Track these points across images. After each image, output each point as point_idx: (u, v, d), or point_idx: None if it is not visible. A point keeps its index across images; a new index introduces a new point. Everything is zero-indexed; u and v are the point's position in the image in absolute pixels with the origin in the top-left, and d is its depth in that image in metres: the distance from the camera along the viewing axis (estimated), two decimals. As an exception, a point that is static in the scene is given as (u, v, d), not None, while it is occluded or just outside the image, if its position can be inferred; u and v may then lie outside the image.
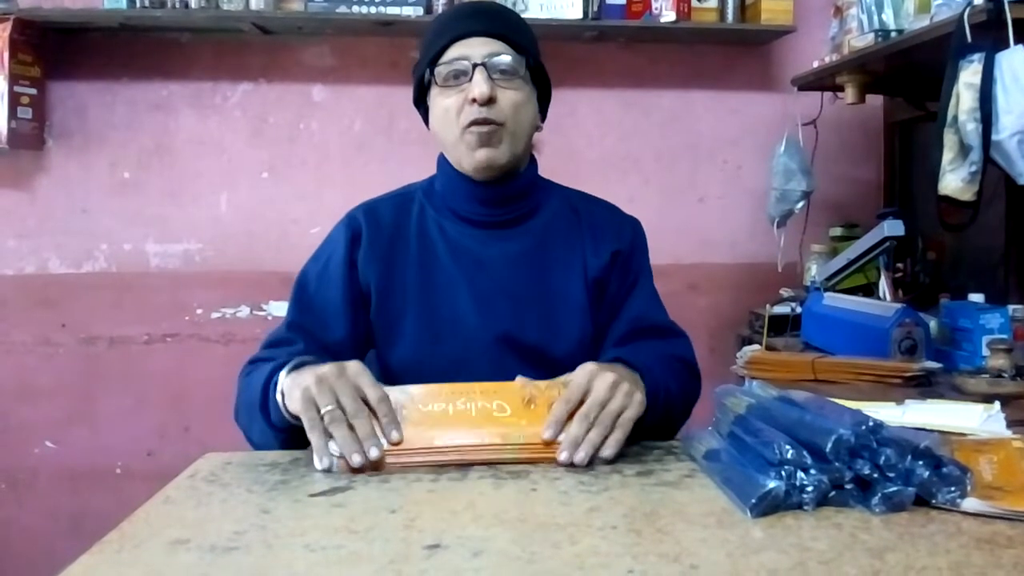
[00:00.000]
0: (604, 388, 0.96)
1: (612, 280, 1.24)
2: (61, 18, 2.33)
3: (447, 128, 1.18)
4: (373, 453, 0.90)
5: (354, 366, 0.96)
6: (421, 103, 1.27)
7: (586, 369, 0.99)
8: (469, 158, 1.17)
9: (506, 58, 1.15)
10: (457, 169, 1.22)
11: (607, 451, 0.94)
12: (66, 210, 2.49)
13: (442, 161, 1.26)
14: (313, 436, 0.92)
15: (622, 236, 1.27)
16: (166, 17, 2.31)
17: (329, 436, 0.91)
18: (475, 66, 1.14)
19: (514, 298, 1.20)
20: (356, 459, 0.89)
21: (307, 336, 1.17)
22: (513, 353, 1.18)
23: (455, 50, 1.16)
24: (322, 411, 0.91)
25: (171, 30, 2.48)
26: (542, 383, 0.99)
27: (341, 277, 1.20)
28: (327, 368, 0.95)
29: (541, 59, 1.23)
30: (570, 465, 0.92)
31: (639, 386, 1.01)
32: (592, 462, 0.93)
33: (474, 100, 1.13)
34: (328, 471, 0.91)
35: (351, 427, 0.91)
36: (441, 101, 1.18)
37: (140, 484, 1.90)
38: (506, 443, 0.94)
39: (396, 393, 0.97)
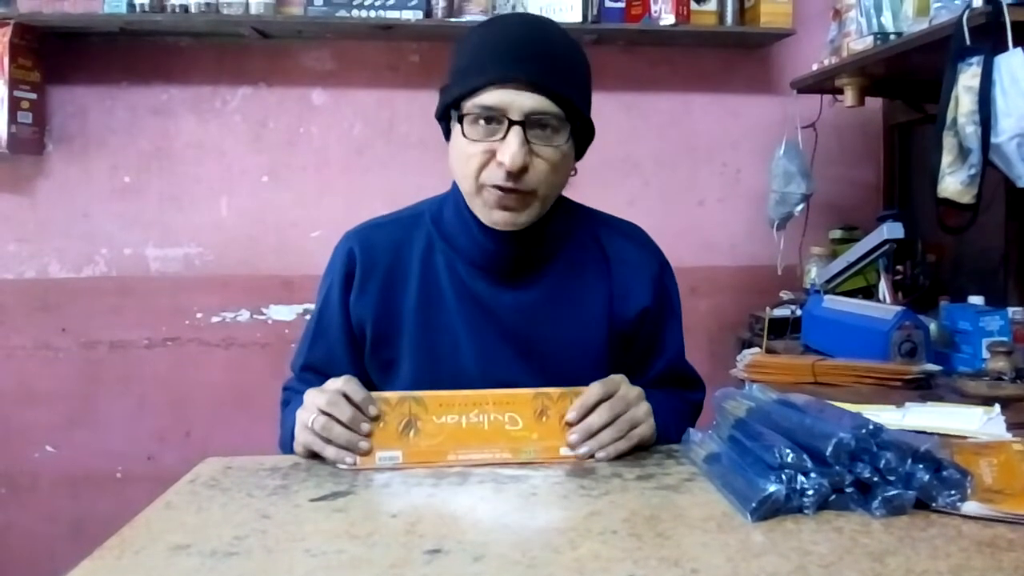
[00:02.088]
0: (635, 395, 1.01)
1: (640, 336, 1.16)
2: (61, 23, 2.33)
3: (465, 177, 1.05)
4: (363, 445, 0.95)
5: (330, 381, 0.99)
6: (444, 119, 1.10)
7: (622, 376, 1.03)
8: (485, 216, 1.06)
9: (550, 118, 1.00)
10: (470, 208, 1.09)
11: (603, 453, 0.97)
12: (66, 214, 2.49)
13: (456, 191, 1.12)
14: (327, 453, 0.96)
15: (652, 287, 1.16)
16: (166, 21, 2.31)
17: (329, 442, 0.96)
18: (512, 124, 0.99)
19: (523, 352, 1.11)
20: (363, 445, 0.95)
21: (319, 378, 1.09)
22: None
23: (492, 95, 0.99)
24: (312, 426, 0.96)
25: (171, 34, 2.48)
26: (555, 392, 1.00)
27: (339, 317, 1.15)
28: (307, 398, 1.00)
29: (591, 105, 1.08)
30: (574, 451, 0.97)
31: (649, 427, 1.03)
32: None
33: (502, 163, 1.00)
34: (354, 465, 0.95)
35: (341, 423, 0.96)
36: (464, 146, 1.02)
37: (141, 489, 1.90)
38: (516, 460, 0.97)
39: (410, 402, 0.99)
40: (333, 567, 0.69)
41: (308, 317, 2.47)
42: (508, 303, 1.11)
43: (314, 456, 0.99)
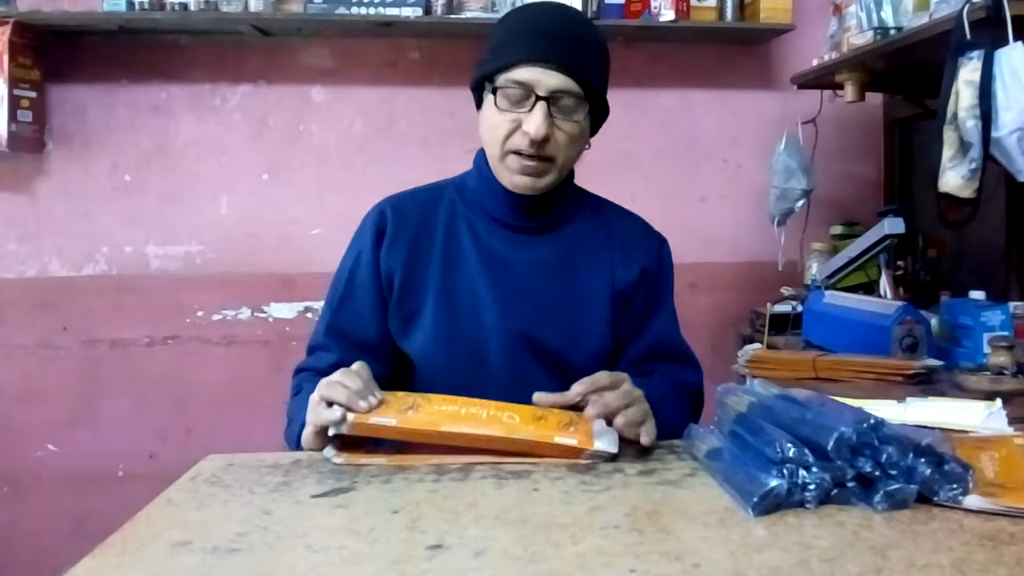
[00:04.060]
0: (639, 393, 1.03)
1: (638, 298, 1.24)
2: (60, 21, 2.33)
3: (493, 144, 1.16)
4: (361, 404, 0.95)
5: (337, 373, 1.01)
6: (477, 89, 1.21)
7: (626, 375, 1.05)
8: (507, 180, 1.17)
9: (572, 100, 1.12)
10: (494, 172, 1.21)
11: (646, 439, 0.98)
12: (66, 213, 2.49)
13: (479, 159, 1.25)
14: (327, 415, 0.96)
15: (651, 254, 1.26)
16: (165, 19, 2.31)
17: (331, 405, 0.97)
18: (538, 99, 1.10)
19: (536, 302, 1.19)
20: (362, 404, 0.95)
21: (342, 339, 1.20)
22: (530, 355, 1.18)
23: (522, 73, 1.10)
24: (320, 391, 0.98)
25: (170, 32, 2.48)
26: (556, 409, 1.01)
27: (370, 275, 1.21)
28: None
29: (607, 88, 1.20)
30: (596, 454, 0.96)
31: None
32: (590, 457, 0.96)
33: (527, 132, 1.10)
34: (341, 422, 0.94)
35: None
36: (494, 116, 1.14)
37: (142, 486, 1.89)
38: (510, 436, 0.95)
39: (415, 396, 1.00)
40: (335, 563, 0.69)
41: (310, 314, 2.48)
42: (523, 258, 1.21)
43: (319, 448, 0.99)
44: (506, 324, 1.17)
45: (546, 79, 1.09)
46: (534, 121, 1.09)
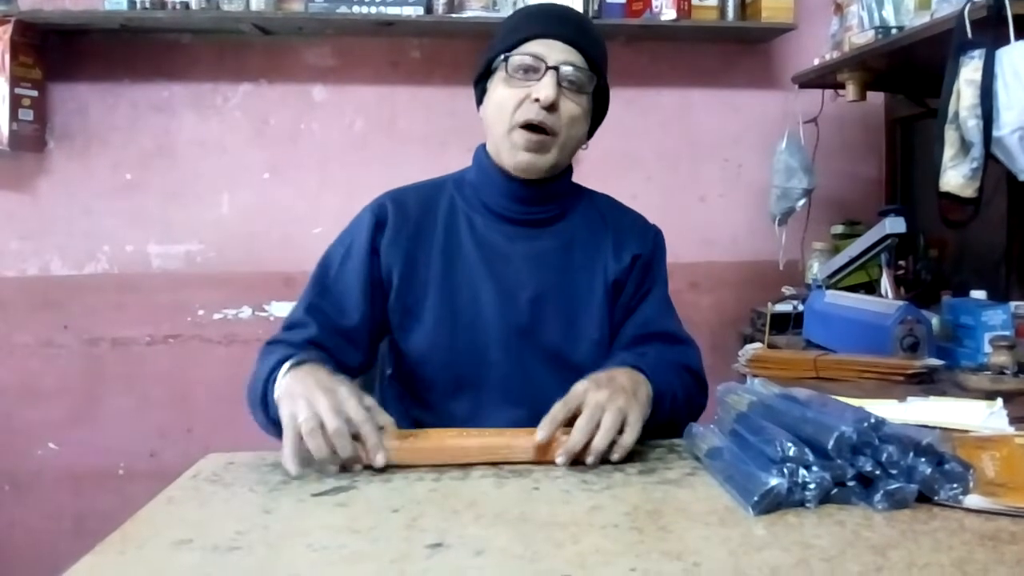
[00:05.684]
0: (604, 396, 0.96)
1: (629, 284, 1.25)
2: (62, 20, 2.33)
3: (499, 119, 1.18)
4: (332, 469, 0.90)
5: (344, 390, 0.95)
6: (479, 83, 1.26)
7: (584, 383, 0.99)
8: (511, 157, 1.18)
9: (579, 71, 1.17)
10: (494, 163, 1.23)
11: (616, 456, 0.93)
12: (68, 212, 2.49)
13: (479, 153, 1.27)
14: (286, 436, 0.91)
15: (644, 243, 1.28)
16: (167, 18, 2.31)
17: (301, 440, 0.90)
18: (548, 68, 1.14)
19: (535, 296, 1.20)
20: (332, 469, 0.90)
21: (323, 320, 1.18)
22: (530, 350, 1.19)
23: (534, 46, 1.16)
24: (300, 419, 0.91)
25: (172, 31, 2.48)
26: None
27: (362, 264, 1.21)
28: (318, 392, 0.93)
29: (608, 82, 1.25)
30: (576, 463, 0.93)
31: (639, 394, 0.99)
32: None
33: (536, 100, 1.13)
34: (298, 478, 0.89)
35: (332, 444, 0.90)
36: (502, 91, 1.18)
37: (143, 485, 1.88)
38: (512, 444, 0.95)
39: (409, 431, 1.00)
40: (335, 562, 0.69)
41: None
42: (521, 251, 1.22)
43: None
44: (506, 319, 1.19)
45: (556, 52, 1.15)
46: (544, 87, 1.13)
